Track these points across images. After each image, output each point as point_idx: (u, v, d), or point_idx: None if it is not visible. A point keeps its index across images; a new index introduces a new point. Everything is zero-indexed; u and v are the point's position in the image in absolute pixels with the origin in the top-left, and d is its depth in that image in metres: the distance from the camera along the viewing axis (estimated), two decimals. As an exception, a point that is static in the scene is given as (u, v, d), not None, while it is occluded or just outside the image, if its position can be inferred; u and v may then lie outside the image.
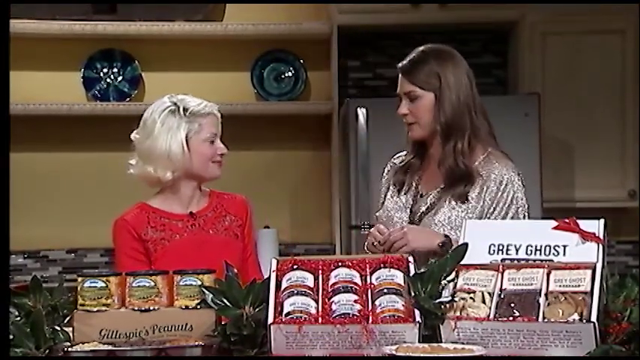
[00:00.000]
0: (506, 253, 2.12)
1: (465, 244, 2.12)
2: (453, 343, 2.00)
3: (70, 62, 4.11)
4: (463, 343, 1.99)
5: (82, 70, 4.14)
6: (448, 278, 2.08)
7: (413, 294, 2.07)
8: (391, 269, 2.15)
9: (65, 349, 2.02)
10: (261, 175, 4.27)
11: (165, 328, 2.12)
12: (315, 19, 4.24)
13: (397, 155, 2.76)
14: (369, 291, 2.11)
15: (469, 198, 2.53)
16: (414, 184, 2.65)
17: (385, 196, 2.71)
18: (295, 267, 2.17)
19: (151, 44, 4.17)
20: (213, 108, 2.75)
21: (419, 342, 2.00)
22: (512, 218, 2.52)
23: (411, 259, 2.18)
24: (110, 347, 2.04)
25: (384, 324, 2.02)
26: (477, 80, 4.41)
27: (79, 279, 2.16)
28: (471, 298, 2.04)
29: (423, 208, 2.59)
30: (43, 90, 3.98)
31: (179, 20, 4.10)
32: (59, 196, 4.07)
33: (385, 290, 2.10)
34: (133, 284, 2.16)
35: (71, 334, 2.10)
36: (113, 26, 4.04)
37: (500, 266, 2.08)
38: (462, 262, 2.11)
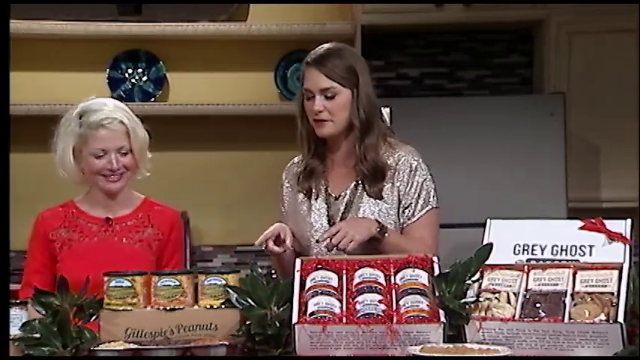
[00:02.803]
0: (532, 253, 2.11)
1: (490, 244, 2.11)
2: (477, 343, 1.99)
3: (95, 63, 4.14)
4: (488, 344, 1.98)
5: (108, 70, 4.16)
6: (473, 278, 2.08)
7: (437, 294, 2.06)
8: (415, 269, 2.15)
9: (91, 348, 2.03)
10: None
11: (190, 328, 2.13)
12: (339, 19, 4.24)
13: (291, 162, 2.69)
14: (394, 291, 2.11)
15: (383, 193, 2.52)
16: (322, 188, 2.58)
17: (294, 205, 2.61)
18: (319, 267, 2.18)
19: (175, 45, 4.19)
20: (109, 122, 2.62)
21: (443, 342, 2.00)
22: (424, 201, 2.51)
23: (435, 259, 2.17)
24: (136, 346, 2.05)
25: (409, 324, 2.01)
26: (502, 79, 4.45)
27: (105, 278, 2.18)
28: (496, 298, 2.03)
29: (342, 209, 2.54)
30: (68, 91, 4.00)
31: (203, 21, 4.12)
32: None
33: (409, 290, 2.10)
34: (158, 284, 2.17)
35: (97, 333, 2.11)
36: (138, 27, 4.07)
37: (526, 266, 2.07)
38: (486, 263, 2.10)
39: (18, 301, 2.14)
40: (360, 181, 2.54)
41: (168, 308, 2.14)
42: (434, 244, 2.50)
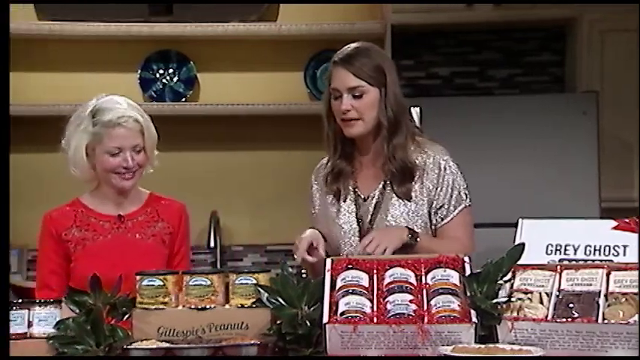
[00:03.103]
0: (564, 254, 2.09)
1: (522, 244, 2.09)
2: (510, 343, 1.98)
3: (127, 63, 4.17)
4: (520, 344, 1.97)
5: (139, 71, 4.19)
6: (505, 278, 2.06)
7: (469, 294, 2.05)
8: (447, 269, 2.14)
9: (124, 346, 2.04)
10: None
11: (222, 327, 2.14)
12: (369, 18, 4.23)
13: (320, 164, 2.68)
14: (425, 291, 2.10)
15: (412, 194, 2.50)
16: (351, 189, 2.57)
17: (323, 207, 2.61)
18: (350, 266, 2.17)
19: (206, 45, 4.20)
20: (125, 120, 2.64)
21: (475, 343, 1.98)
22: (456, 200, 2.50)
23: (466, 259, 2.16)
24: (168, 345, 2.06)
25: (440, 324, 2.00)
26: (534, 78, 4.42)
27: (137, 277, 2.19)
28: (528, 298, 2.02)
29: (371, 210, 2.53)
30: (101, 91, 4.03)
31: (234, 21, 4.13)
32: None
33: (441, 290, 2.09)
34: (190, 283, 2.18)
35: (130, 332, 2.13)
36: (169, 27, 4.09)
37: (558, 266, 2.05)
38: (518, 263, 2.08)
39: (52, 300, 2.16)
40: (388, 182, 2.53)
41: (199, 307, 2.15)
42: (470, 243, 2.50)
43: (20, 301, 2.17)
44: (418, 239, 2.43)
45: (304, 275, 3.79)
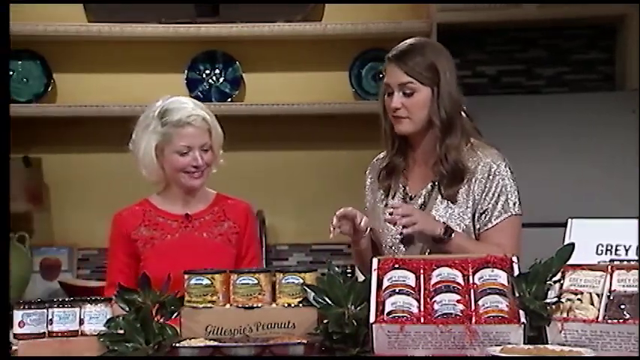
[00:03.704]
0: (615, 254, 2.07)
1: (572, 244, 2.07)
2: (559, 345, 1.95)
3: (174, 64, 4.20)
4: (570, 345, 1.94)
5: (186, 71, 4.23)
6: (554, 279, 2.04)
7: (517, 294, 2.03)
8: (494, 269, 2.12)
9: (173, 344, 2.07)
10: (361, 174, 4.26)
11: (269, 326, 2.15)
12: (414, 17, 4.21)
13: (376, 158, 2.67)
14: (472, 291, 2.09)
15: (458, 197, 2.47)
16: (400, 186, 2.56)
17: (373, 201, 2.61)
18: (396, 266, 2.17)
19: (251, 45, 4.22)
20: (194, 119, 2.67)
21: (524, 343, 1.97)
22: (502, 207, 2.45)
23: (514, 259, 2.14)
24: (216, 343, 2.08)
25: (488, 324, 1.99)
26: (582, 76, 4.35)
27: (186, 276, 2.21)
28: (578, 299, 1.99)
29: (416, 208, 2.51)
30: (149, 92, 4.07)
31: (279, 21, 4.15)
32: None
33: (489, 290, 2.07)
34: (237, 282, 2.20)
35: (178, 330, 2.15)
36: (216, 28, 4.11)
37: (609, 267, 2.02)
38: (568, 263, 2.06)
39: (102, 298, 2.19)
40: (437, 183, 2.51)
41: (246, 306, 2.16)
42: (511, 253, 2.39)
43: (72, 298, 2.21)
44: (452, 235, 2.40)
45: (349, 274, 3.79)
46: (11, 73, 4.13)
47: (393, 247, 2.53)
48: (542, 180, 3.79)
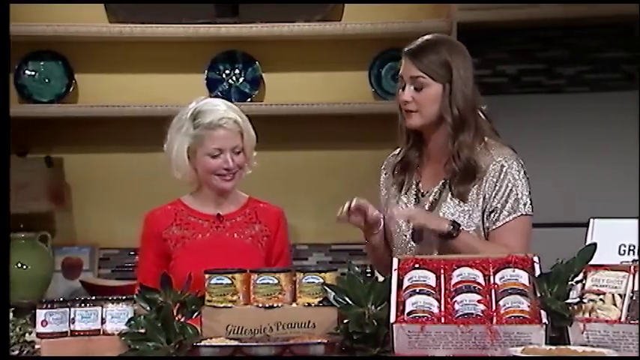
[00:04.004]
0: (638, 254, 2.05)
1: (594, 244, 2.06)
2: (581, 345, 1.94)
3: (194, 64, 4.22)
4: (593, 346, 1.93)
5: (206, 71, 4.24)
6: (576, 279, 2.03)
7: (539, 295, 2.02)
8: (515, 269, 2.12)
9: (194, 343, 2.07)
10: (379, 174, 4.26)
11: (289, 326, 2.15)
12: (434, 16, 4.19)
13: (392, 154, 2.69)
14: (493, 291, 2.08)
15: (468, 195, 2.48)
16: (414, 183, 2.58)
17: (387, 197, 2.64)
18: (417, 266, 2.17)
19: (271, 45, 4.23)
20: (225, 121, 2.70)
21: (545, 344, 1.96)
22: (512, 207, 2.45)
23: (536, 259, 2.13)
24: (237, 343, 2.09)
25: (509, 325, 1.99)
26: (603, 75, 4.31)
27: (206, 276, 2.22)
28: (600, 299, 1.98)
29: (427, 206, 2.52)
30: (169, 92, 4.09)
31: (299, 21, 4.15)
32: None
33: (510, 290, 2.07)
34: (257, 281, 2.20)
35: (199, 329, 2.16)
36: (235, 28, 4.12)
37: (632, 267, 2.01)
38: (590, 263, 2.05)
39: (124, 297, 2.20)
40: (448, 180, 2.52)
41: (267, 306, 2.17)
42: (520, 252, 2.42)
43: (93, 298, 2.22)
44: (460, 229, 2.40)
45: (369, 274, 3.79)
46: (33, 73, 4.16)
47: (403, 245, 2.54)
48: (563, 180, 3.77)
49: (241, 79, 4.27)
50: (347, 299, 2.13)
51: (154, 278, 2.61)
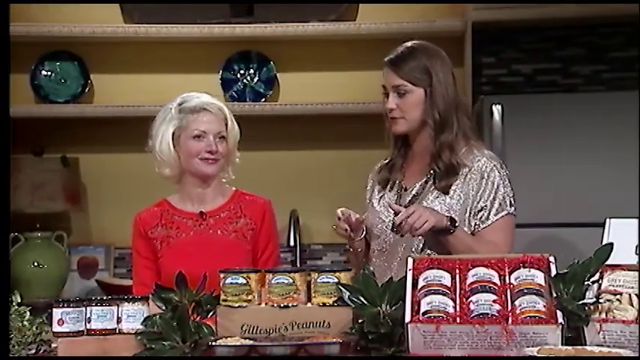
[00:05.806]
0: (655, 254, 2.04)
1: (610, 244, 2.05)
2: (598, 345, 1.93)
3: (209, 64, 4.23)
4: (609, 346, 1.92)
5: (221, 71, 4.25)
6: (592, 279, 2.02)
7: (555, 295, 2.02)
8: (531, 269, 2.11)
9: (209, 343, 2.08)
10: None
11: (304, 325, 2.15)
12: (448, 16, 4.19)
13: (381, 163, 2.77)
14: (508, 291, 2.08)
15: (451, 190, 2.55)
16: (397, 181, 2.67)
17: (370, 198, 2.72)
18: (432, 266, 2.16)
19: (285, 45, 4.23)
20: (209, 105, 2.72)
21: (561, 344, 1.95)
22: (500, 205, 2.53)
23: (552, 259, 2.12)
24: (252, 342, 2.09)
25: (525, 325, 1.98)
26: (620, 74, 4.29)
27: (221, 275, 2.22)
28: (617, 299, 1.97)
29: (408, 200, 2.60)
30: (183, 92, 4.09)
31: (313, 21, 4.15)
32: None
33: (525, 290, 2.06)
34: (272, 281, 2.20)
35: (214, 329, 2.16)
36: (250, 28, 4.13)
37: (649, 267, 2.00)
38: (606, 263, 2.04)
39: (139, 297, 2.21)
40: (431, 177, 2.60)
41: (282, 305, 2.17)
42: (506, 250, 2.48)
43: (110, 297, 2.23)
44: (457, 225, 2.46)
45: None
46: (49, 73, 4.19)
47: (382, 236, 2.61)
48: (579, 180, 3.75)
49: (256, 79, 4.28)
50: (362, 299, 2.12)
51: (151, 276, 2.66)
